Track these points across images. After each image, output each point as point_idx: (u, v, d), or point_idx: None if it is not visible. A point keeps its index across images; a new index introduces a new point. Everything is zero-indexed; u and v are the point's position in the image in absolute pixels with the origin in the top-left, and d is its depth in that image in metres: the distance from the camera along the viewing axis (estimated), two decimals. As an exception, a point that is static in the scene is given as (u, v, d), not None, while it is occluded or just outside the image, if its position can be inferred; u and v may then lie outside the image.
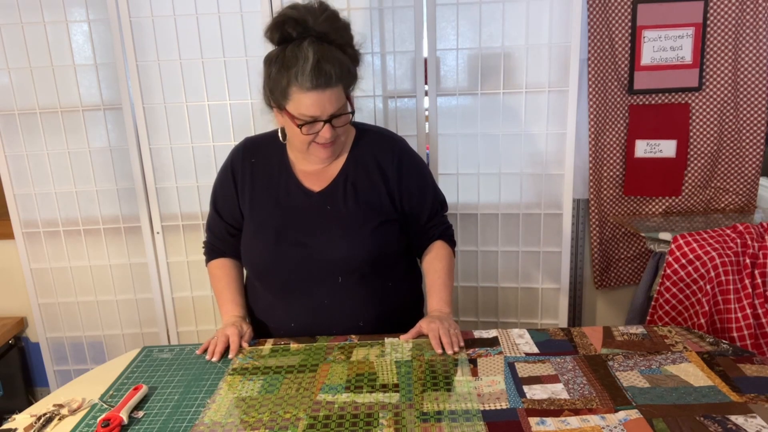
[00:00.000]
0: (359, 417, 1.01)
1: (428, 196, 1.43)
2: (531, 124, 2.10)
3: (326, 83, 1.18)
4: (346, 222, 1.32)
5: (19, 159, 2.19)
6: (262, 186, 1.37)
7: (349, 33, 1.26)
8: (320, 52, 1.18)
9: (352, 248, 1.31)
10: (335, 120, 1.23)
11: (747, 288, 1.67)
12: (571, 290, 2.34)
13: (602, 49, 2.11)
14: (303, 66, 1.16)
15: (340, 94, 1.22)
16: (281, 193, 1.36)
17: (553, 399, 1.04)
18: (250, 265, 1.42)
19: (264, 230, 1.35)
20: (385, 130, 1.46)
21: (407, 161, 1.39)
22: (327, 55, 1.18)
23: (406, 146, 1.42)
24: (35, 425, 1.04)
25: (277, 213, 1.35)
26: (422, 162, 1.45)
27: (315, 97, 1.18)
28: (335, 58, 1.19)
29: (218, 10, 2.04)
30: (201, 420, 1.03)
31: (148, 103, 2.11)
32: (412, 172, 1.39)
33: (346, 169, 1.36)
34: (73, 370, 2.38)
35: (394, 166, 1.36)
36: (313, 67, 1.16)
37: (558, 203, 2.14)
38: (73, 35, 2.11)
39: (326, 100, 1.19)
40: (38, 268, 2.29)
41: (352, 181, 1.35)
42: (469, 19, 2.05)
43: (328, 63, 1.18)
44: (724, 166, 2.19)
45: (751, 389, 1.04)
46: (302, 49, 1.18)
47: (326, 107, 1.20)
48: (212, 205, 1.45)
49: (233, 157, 1.42)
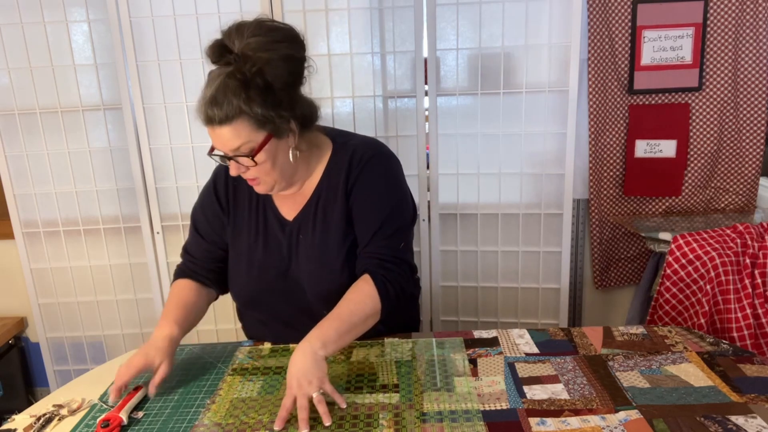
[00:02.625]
0: (359, 417, 1.01)
1: (377, 215, 1.21)
2: (531, 124, 2.10)
3: (213, 121, 1.07)
4: (317, 252, 1.24)
5: (19, 159, 2.19)
6: (242, 215, 1.30)
7: (283, 67, 1.08)
8: (218, 88, 1.06)
9: (329, 281, 1.23)
10: (240, 159, 1.12)
11: (747, 288, 1.67)
12: (571, 290, 2.34)
13: (602, 49, 2.11)
14: (203, 97, 1.08)
15: (238, 134, 1.08)
16: (260, 223, 1.28)
17: (554, 399, 1.04)
18: (234, 295, 1.36)
19: (246, 263, 1.29)
20: (368, 139, 1.30)
21: (368, 170, 1.22)
22: (220, 94, 1.05)
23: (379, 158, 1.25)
24: (35, 425, 1.04)
25: (257, 245, 1.28)
26: (392, 179, 1.26)
27: (210, 130, 1.10)
28: (227, 100, 1.05)
29: (218, 10, 2.04)
30: (201, 420, 1.03)
31: (148, 103, 2.11)
32: (367, 182, 1.22)
33: (318, 190, 1.26)
34: (73, 370, 2.38)
35: (353, 174, 1.22)
36: (206, 102, 1.07)
37: (558, 203, 2.14)
38: (73, 35, 2.11)
39: (219, 137, 1.09)
40: (38, 268, 2.29)
41: (323, 204, 1.25)
42: (469, 19, 2.05)
43: (218, 103, 1.06)
44: (724, 166, 2.19)
45: (751, 389, 1.04)
46: (211, 79, 1.09)
47: (221, 143, 1.10)
48: (192, 228, 1.36)
49: (216, 179, 1.33)
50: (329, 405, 1.02)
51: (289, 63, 1.10)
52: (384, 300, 1.17)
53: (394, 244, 1.22)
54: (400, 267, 1.22)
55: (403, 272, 1.22)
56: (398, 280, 1.20)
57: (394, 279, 1.19)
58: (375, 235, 1.21)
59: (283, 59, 1.08)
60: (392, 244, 1.22)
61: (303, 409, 0.99)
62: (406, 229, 1.27)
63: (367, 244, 1.22)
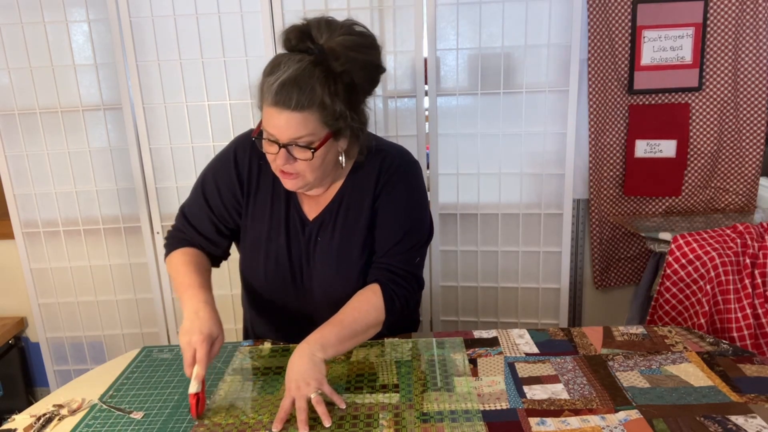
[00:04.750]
0: (359, 418, 1.01)
1: (400, 227, 1.21)
2: (531, 124, 2.10)
3: (286, 104, 1.04)
4: (334, 256, 1.22)
5: (19, 159, 2.19)
6: (264, 199, 1.25)
7: (366, 72, 1.08)
8: (302, 72, 1.04)
9: (342, 287, 1.21)
10: (295, 150, 1.09)
11: (747, 288, 1.67)
12: (571, 290, 2.34)
13: (602, 49, 2.11)
14: (277, 77, 1.04)
15: (306, 123, 1.05)
16: (282, 214, 1.24)
17: (553, 399, 1.04)
18: (243, 280, 1.33)
19: (264, 253, 1.25)
20: (396, 145, 1.28)
21: (398, 178, 1.21)
22: (304, 78, 1.03)
23: (408, 168, 1.24)
24: (35, 425, 1.04)
25: (278, 237, 1.24)
26: (418, 194, 1.25)
27: (275, 113, 1.05)
28: (310, 86, 1.03)
29: (218, 10, 2.04)
30: (201, 421, 1.03)
31: (148, 103, 2.11)
32: (396, 191, 1.21)
33: (342, 192, 1.22)
34: (73, 370, 2.38)
35: (382, 180, 1.21)
36: (282, 82, 1.03)
37: (558, 203, 2.14)
38: (73, 35, 2.11)
39: (284, 122, 1.05)
40: (38, 268, 2.29)
41: (345, 207, 1.22)
42: (469, 19, 2.05)
43: (299, 86, 1.03)
44: (724, 166, 2.19)
45: (751, 389, 1.04)
46: (289, 61, 1.05)
47: (283, 129, 1.06)
48: (200, 194, 1.27)
49: (237, 151, 1.25)
50: (329, 406, 1.02)
51: (373, 70, 1.10)
52: (389, 313, 1.17)
53: (410, 258, 1.22)
54: (410, 282, 1.22)
55: (411, 287, 1.22)
56: (405, 295, 1.20)
57: (401, 294, 1.19)
58: (395, 246, 1.21)
59: (370, 65, 1.09)
60: (408, 258, 1.22)
61: (301, 410, 0.98)
62: (423, 245, 1.26)
63: (385, 254, 1.21)
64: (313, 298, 1.26)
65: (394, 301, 1.18)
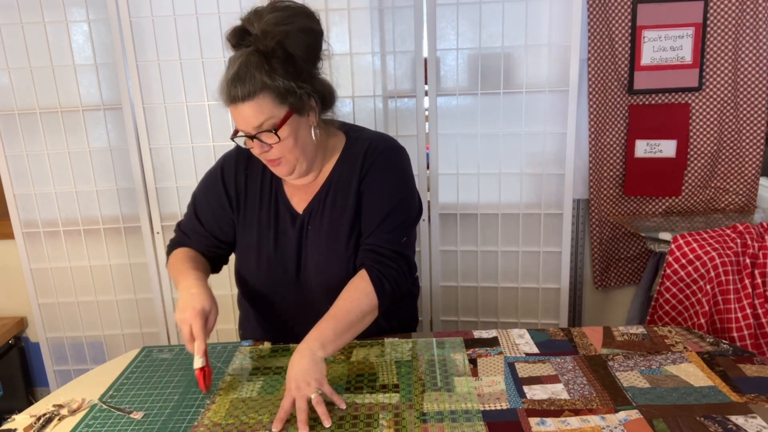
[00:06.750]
0: (359, 418, 1.01)
1: (383, 207, 1.22)
2: (531, 124, 2.10)
3: (237, 98, 1.08)
4: (324, 245, 1.24)
5: (19, 159, 2.19)
6: (253, 208, 1.29)
7: (299, 40, 1.10)
8: (242, 64, 1.08)
9: (336, 270, 1.24)
10: (264, 137, 1.12)
11: (747, 288, 1.67)
12: (571, 290, 2.34)
13: (602, 49, 2.11)
14: (226, 77, 1.10)
15: (261, 109, 1.09)
16: (271, 216, 1.28)
17: (554, 399, 1.04)
18: (239, 284, 1.37)
19: (256, 254, 1.29)
20: (381, 134, 1.32)
21: (381, 161, 1.23)
22: (244, 69, 1.08)
23: (392, 151, 1.26)
24: (35, 425, 1.04)
25: (268, 239, 1.27)
26: (401, 174, 1.26)
27: (233, 110, 1.11)
28: (250, 74, 1.07)
29: (218, 10, 2.04)
30: (201, 421, 1.03)
31: (148, 103, 2.11)
32: (378, 173, 1.23)
33: (329, 180, 1.26)
34: (73, 370, 2.38)
35: (367, 164, 1.23)
36: (229, 80, 1.09)
37: (558, 203, 2.14)
38: (73, 35, 2.11)
39: (242, 114, 1.10)
40: (38, 268, 2.29)
41: (333, 194, 1.25)
42: (469, 19, 2.05)
43: (241, 78, 1.07)
44: (724, 166, 2.19)
45: (751, 389, 1.04)
46: (233, 59, 1.11)
47: (245, 121, 1.11)
48: (191, 211, 1.35)
49: (224, 167, 1.32)
50: (329, 406, 1.02)
51: (307, 35, 1.12)
52: (380, 296, 1.16)
53: (395, 238, 1.22)
54: (398, 262, 1.20)
55: (399, 268, 1.20)
56: (394, 276, 1.19)
57: (389, 274, 1.18)
58: (378, 226, 1.21)
59: (301, 31, 1.10)
60: (394, 237, 1.21)
61: (301, 410, 0.99)
62: (409, 225, 1.26)
63: (370, 235, 1.22)
64: (310, 287, 1.28)
65: (383, 283, 1.17)
